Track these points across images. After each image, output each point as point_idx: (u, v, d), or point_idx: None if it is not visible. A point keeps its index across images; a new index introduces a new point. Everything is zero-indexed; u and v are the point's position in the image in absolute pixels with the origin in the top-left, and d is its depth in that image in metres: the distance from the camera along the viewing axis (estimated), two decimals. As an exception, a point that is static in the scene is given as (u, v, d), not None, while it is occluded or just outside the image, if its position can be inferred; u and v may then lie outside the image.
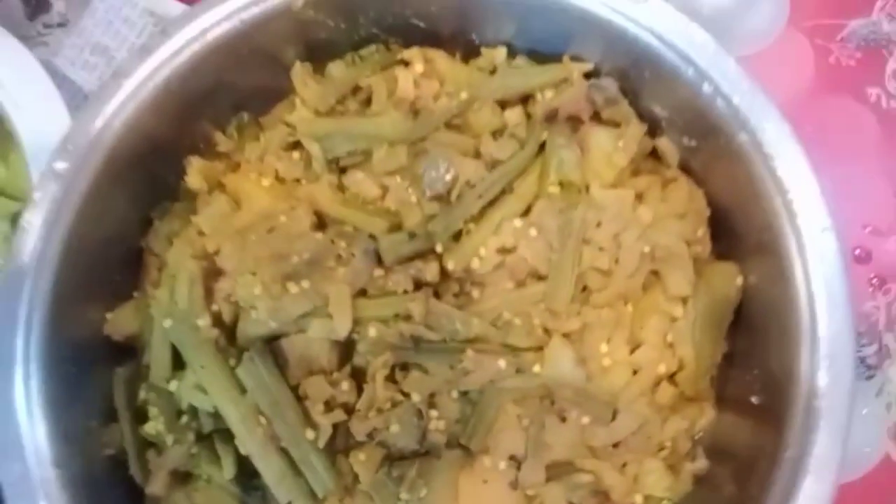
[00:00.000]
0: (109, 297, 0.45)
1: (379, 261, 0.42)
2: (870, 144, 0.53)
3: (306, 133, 0.45)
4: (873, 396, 0.48)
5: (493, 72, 0.47)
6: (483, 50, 0.48)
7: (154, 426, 0.42)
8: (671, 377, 0.42)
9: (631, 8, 0.41)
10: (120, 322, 0.44)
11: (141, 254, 0.47)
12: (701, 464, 0.42)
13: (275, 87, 0.49)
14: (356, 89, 0.47)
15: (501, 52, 0.47)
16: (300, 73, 0.47)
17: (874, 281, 0.51)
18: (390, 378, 0.40)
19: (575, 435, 0.40)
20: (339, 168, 0.45)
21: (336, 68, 0.48)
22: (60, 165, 0.40)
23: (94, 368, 0.44)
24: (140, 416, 0.43)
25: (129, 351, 0.45)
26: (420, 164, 0.43)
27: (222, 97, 0.47)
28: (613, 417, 0.40)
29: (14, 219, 0.50)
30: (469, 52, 0.49)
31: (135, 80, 0.42)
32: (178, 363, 0.42)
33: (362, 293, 0.41)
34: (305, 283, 0.40)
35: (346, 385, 0.39)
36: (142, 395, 0.43)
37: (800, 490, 0.34)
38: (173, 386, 0.41)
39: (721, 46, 0.40)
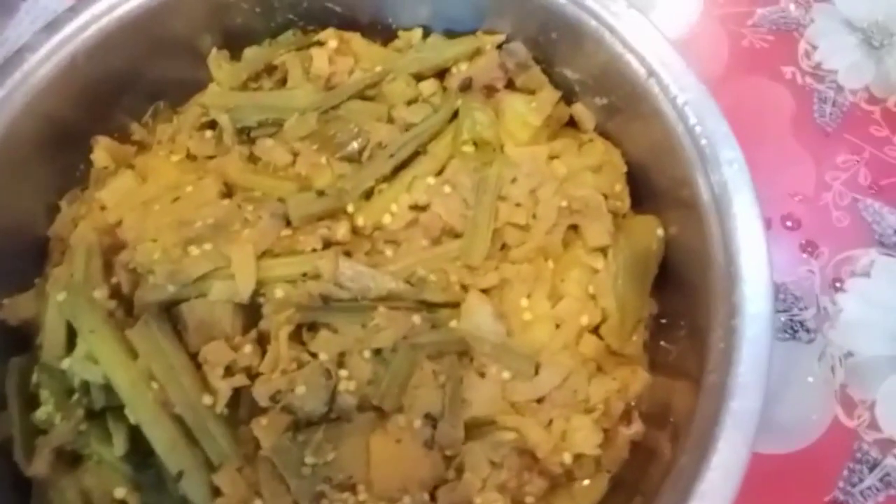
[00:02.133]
0: (10, 289, 0.42)
1: (289, 224, 0.40)
2: (788, 118, 0.54)
3: (215, 105, 0.44)
4: (816, 361, 0.47)
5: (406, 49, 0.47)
6: (400, 33, 0.49)
7: (45, 410, 0.38)
8: (595, 330, 0.40)
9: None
10: (17, 307, 0.41)
11: (47, 244, 0.45)
12: (636, 428, 0.40)
13: (194, 79, 0.48)
14: (272, 69, 0.47)
15: (417, 32, 0.48)
16: (216, 58, 0.47)
17: (807, 247, 0.50)
18: (296, 338, 0.37)
19: (495, 390, 0.37)
20: (251, 140, 0.44)
21: (251, 51, 0.48)
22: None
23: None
24: (34, 406, 0.40)
25: (25, 343, 0.42)
26: (331, 128, 0.43)
27: (138, 87, 0.47)
28: (536, 372, 0.38)
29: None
30: (387, 38, 0.50)
31: (39, 55, 0.42)
32: (73, 342, 0.39)
33: (269, 255, 0.39)
34: (208, 246, 0.39)
35: (248, 348, 0.37)
36: (34, 379, 0.39)
37: (726, 412, 0.32)
38: (65, 363, 0.38)
39: (632, 8, 0.41)
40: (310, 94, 0.44)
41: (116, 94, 0.46)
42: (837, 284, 0.49)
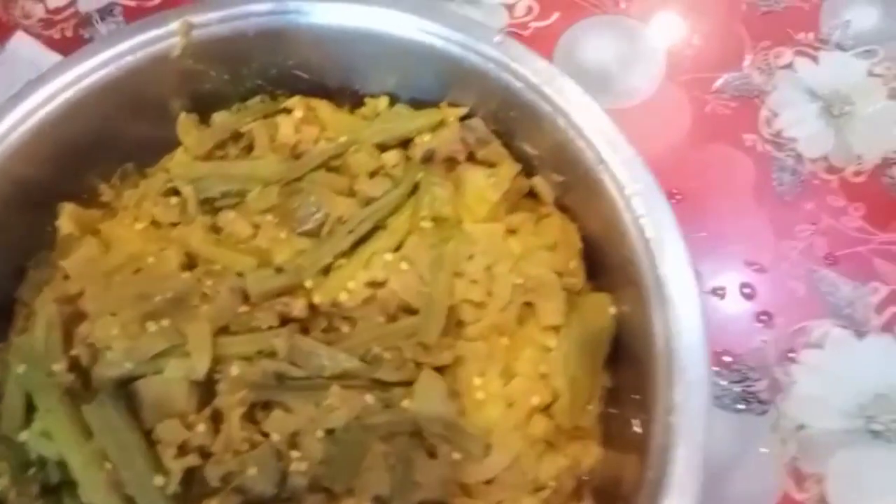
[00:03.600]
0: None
1: (247, 298, 0.41)
2: (748, 186, 0.55)
3: (180, 175, 0.45)
4: (768, 432, 0.48)
5: (372, 118, 0.48)
6: (366, 100, 0.50)
7: (1, 483, 0.39)
8: (546, 409, 0.40)
9: (488, 50, 0.43)
10: (-22, 374, 0.42)
11: (13, 306, 0.45)
12: (587, 504, 0.40)
13: (164, 140, 0.49)
14: (238, 136, 0.48)
15: (383, 100, 0.49)
16: (184, 123, 0.48)
17: (762, 317, 0.51)
18: (250, 418, 0.38)
19: (445, 472, 0.38)
20: (215, 210, 0.45)
21: (220, 117, 0.49)
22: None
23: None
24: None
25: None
26: (293, 202, 0.43)
27: (108, 149, 0.48)
28: (486, 453, 0.39)
29: None
30: (355, 103, 0.50)
31: (5, 125, 0.43)
32: (32, 414, 0.40)
33: (226, 331, 0.40)
34: (165, 322, 0.39)
35: (202, 427, 0.37)
36: (-8, 450, 0.40)
37: (660, 511, 0.32)
38: (23, 436, 0.39)
39: (576, 86, 0.42)
40: (273, 165, 0.45)
41: (84, 157, 0.47)
42: (791, 355, 0.50)
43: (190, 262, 0.43)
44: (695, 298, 0.36)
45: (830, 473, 0.46)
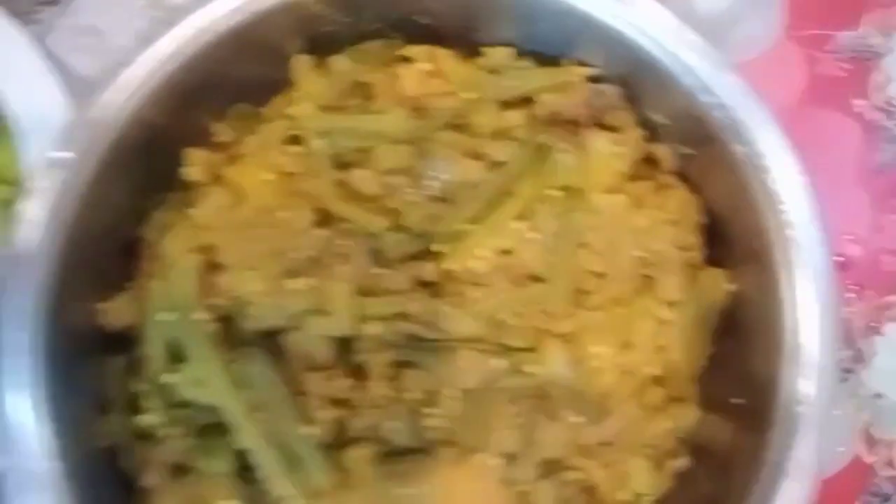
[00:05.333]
0: (104, 288, 0.45)
1: (378, 259, 0.42)
2: (851, 154, 0.55)
3: (309, 127, 0.45)
4: (846, 398, 0.51)
5: (494, 72, 0.47)
6: (486, 50, 0.48)
7: (149, 418, 0.42)
8: (658, 379, 0.43)
9: (631, 13, 0.41)
10: (115, 312, 0.44)
11: (134, 244, 0.47)
12: (683, 461, 0.44)
13: (273, 79, 0.48)
14: (357, 85, 0.47)
15: (505, 52, 0.48)
16: (302, 65, 0.47)
17: (853, 288, 0.52)
18: (388, 375, 0.40)
19: (566, 434, 0.41)
20: (341, 164, 0.45)
21: (338, 63, 0.47)
22: (64, 154, 0.39)
23: (88, 359, 0.43)
24: (133, 408, 0.43)
25: (121, 341, 0.45)
26: (422, 163, 0.44)
27: (222, 88, 0.47)
28: (604, 418, 0.42)
29: (5, 204, 0.49)
30: (471, 51, 0.49)
31: (138, 70, 0.42)
32: (174, 356, 0.42)
33: (361, 291, 0.41)
34: (305, 281, 0.41)
35: (344, 382, 0.40)
36: (136, 386, 0.42)
37: (779, 491, 0.36)
38: (170, 379, 0.41)
39: (721, 56, 0.41)
40: (401, 122, 0.44)
41: (201, 98, 0.46)
42: (874, 325, 0.52)
43: (320, 218, 0.44)
44: (829, 287, 0.37)
45: (901, 440, 0.50)
